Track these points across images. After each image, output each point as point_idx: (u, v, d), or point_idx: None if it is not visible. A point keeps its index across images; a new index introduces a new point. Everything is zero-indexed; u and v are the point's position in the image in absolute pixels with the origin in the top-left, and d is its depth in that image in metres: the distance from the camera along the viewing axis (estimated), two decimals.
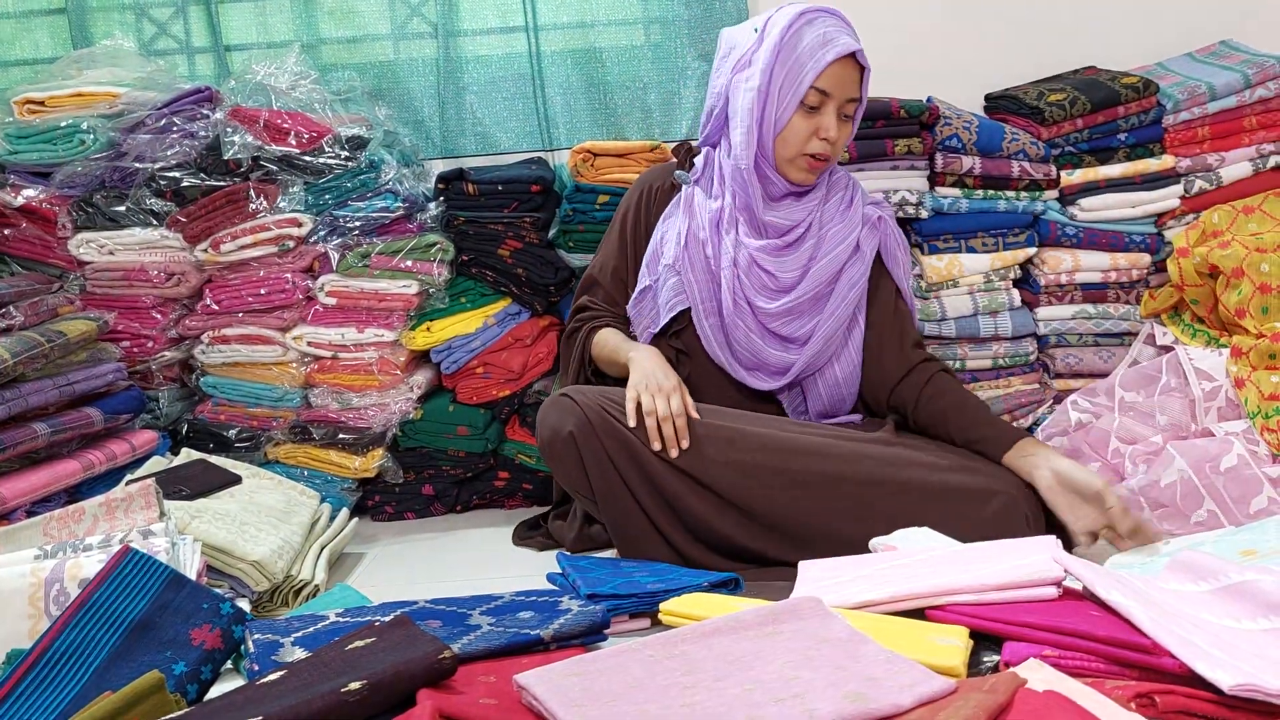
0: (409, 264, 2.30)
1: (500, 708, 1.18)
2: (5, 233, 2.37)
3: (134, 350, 2.35)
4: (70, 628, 1.31)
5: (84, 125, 2.30)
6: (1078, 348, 2.38)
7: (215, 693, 1.34)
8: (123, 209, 2.32)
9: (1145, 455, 1.97)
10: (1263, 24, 2.55)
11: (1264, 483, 1.81)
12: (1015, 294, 2.35)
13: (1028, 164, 2.31)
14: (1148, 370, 2.14)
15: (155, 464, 2.11)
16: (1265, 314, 2.07)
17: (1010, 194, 2.33)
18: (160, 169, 2.30)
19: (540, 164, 2.54)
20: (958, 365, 2.33)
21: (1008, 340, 2.35)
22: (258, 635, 1.42)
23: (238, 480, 2.07)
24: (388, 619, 1.36)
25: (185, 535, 1.69)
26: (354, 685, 1.13)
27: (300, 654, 1.36)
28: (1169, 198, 2.34)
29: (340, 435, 2.34)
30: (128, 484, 1.94)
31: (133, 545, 1.48)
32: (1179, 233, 2.28)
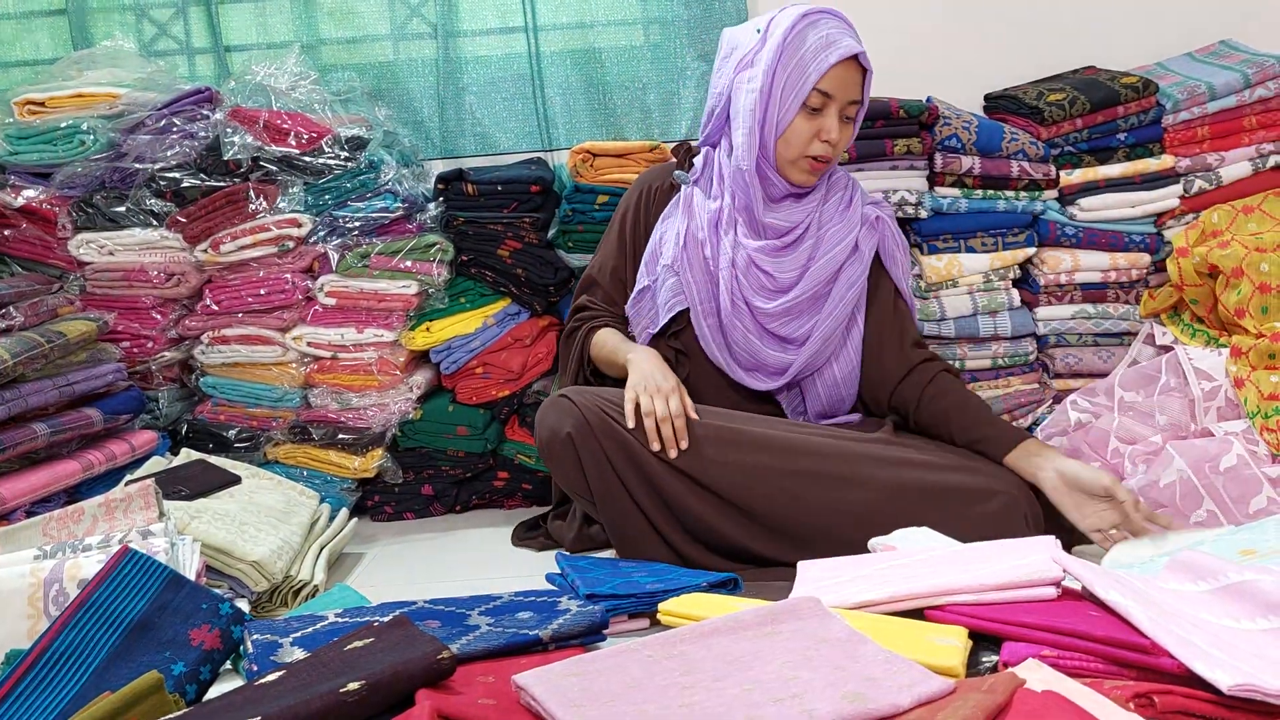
0: (408, 264, 2.30)
1: (499, 708, 1.18)
2: (5, 233, 2.37)
3: (134, 351, 2.36)
4: (69, 628, 1.31)
5: (84, 126, 2.31)
6: (1077, 347, 2.38)
7: (214, 693, 1.34)
8: (123, 209, 2.33)
9: (1145, 455, 1.97)
10: (1263, 24, 2.55)
11: (1263, 482, 1.81)
12: (1015, 294, 2.35)
13: (1027, 164, 2.31)
14: (1147, 370, 2.14)
15: (155, 464, 2.11)
16: (1265, 314, 2.07)
17: (1010, 194, 2.33)
18: (160, 169, 2.30)
19: (540, 164, 2.54)
20: (957, 365, 2.33)
21: (1007, 340, 2.35)
22: (256, 635, 1.42)
23: (237, 480, 2.07)
24: (386, 619, 1.36)
25: (184, 535, 1.69)
26: (353, 685, 1.13)
27: (299, 654, 1.36)
28: (1168, 198, 2.34)
29: (340, 435, 2.34)
30: (127, 484, 1.94)
31: (132, 545, 1.48)
32: (1178, 232, 2.28)
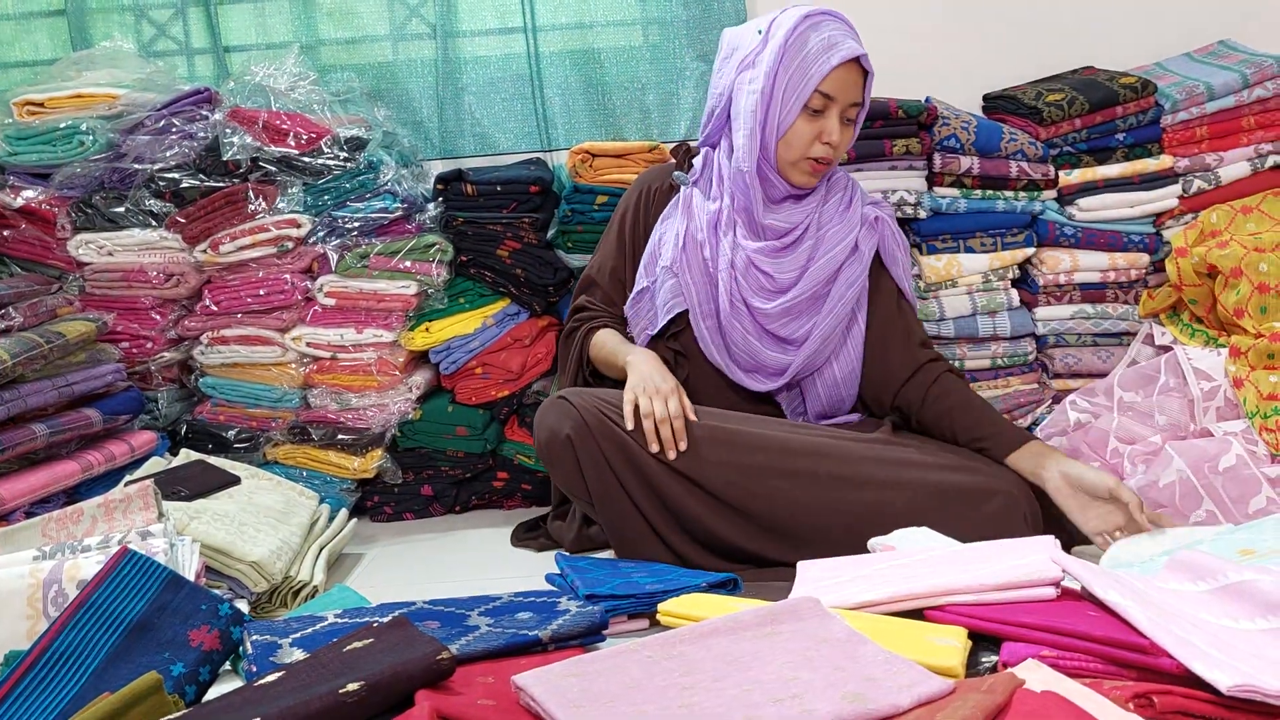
0: (408, 264, 2.30)
1: (498, 708, 1.18)
2: (4, 234, 2.37)
3: (133, 351, 2.36)
4: (68, 629, 1.31)
5: (83, 126, 2.31)
6: (1076, 348, 2.38)
7: (213, 694, 1.34)
8: (122, 210, 2.32)
9: (1144, 455, 1.97)
10: (1261, 24, 2.55)
11: (1262, 482, 1.81)
12: (1014, 294, 2.35)
13: (1026, 164, 2.31)
14: (1146, 370, 2.14)
15: (154, 465, 2.11)
16: (1264, 314, 2.07)
17: (1009, 194, 2.33)
18: (159, 170, 2.30)
19: (539, 164, 2.54)
20: (956, 365, 2.33)
21: (1006, 340, 2.35)
22: (256, 636, 1.41)
23: (236, 481, 2.07)
24: (386, 620, 1.36)
25: (184, 536, 1.69)
26: (352, 686, 1.13)
27: (298, 655, 1.36)
28: (1167, 198, 2.34)
29: (339, 436, 2.34)
30: (126, 485, 1.94)
31: (131, 546, 1.48)
32: (1177, 232, 2.28)
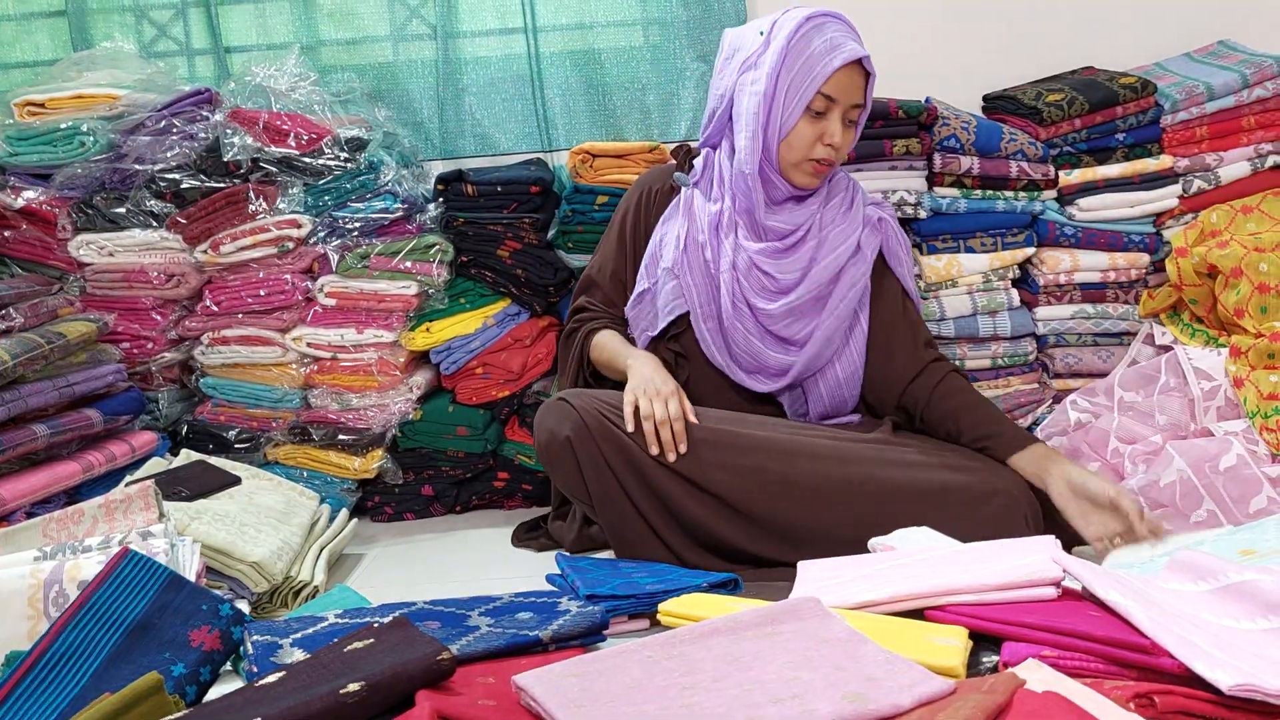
0: (408, 265, 2.30)
1: (499, 709, 1.18)
2: (5, 234, 2.37)
3: (134, 351, 2.36)
4: (69, 629, 1.31)
5: (84, 127, 2.31)
6: (1077, 347, 2.38)
7: (214, 694, 1.34)
8: (122, 210, 2.33)
9: (1144, 455, 1.97)
10: (1261, 24, 2.55)
11: (1263, 482, 1.81)
12: (1014, 294, 2.35)
13: (1026, 164, 2.31)
14: (1147, 370, 2.14)
15: (155, 465, 2.11)
16: (1264, 313, 2.07)
17: (1009, 194, 2.33)
18: (160, 171, 2.30)
19: (539, 165, 2.54)
20: (957, 365, 2.33)
21: (1007, 340, 2.35)
22: (256, 637, 1.41)
23: (237, 481, 2.07)
24: (387, 620, 1.36)
25: (184, 536, 1.69)
26: (353, 686, 1.13)
27: (299, 655, 1.36)
28: (1167, 197, 2.34)
29: (340, 436, 2.34)
30: (127, 485, 1.94)
31: (132, 547, 1.48)
32: (1177, 232, 2.28)
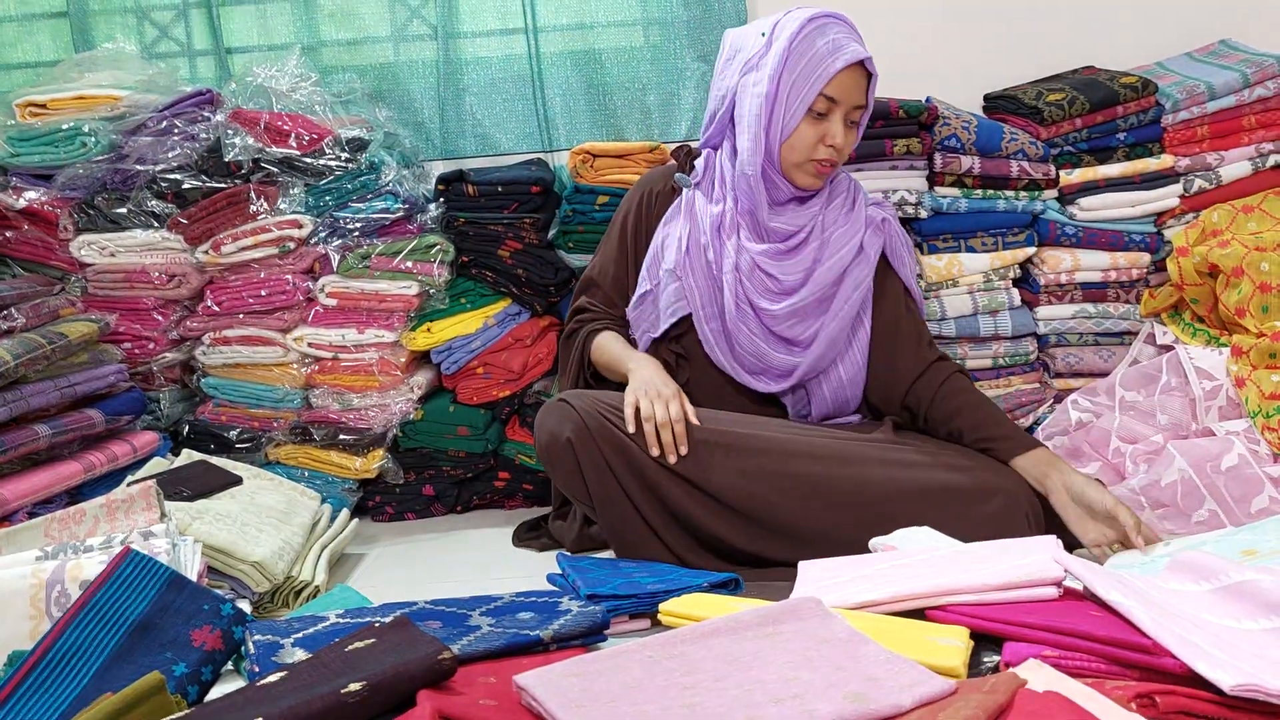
0: (409, 265, 2.30)
1: (500, 708, 1.18)
2: (7, 235, 2.38)
3: (135, 352, 2.36)
4: (71, 629, 1.31)
5: (85, 128, 2.31)
6: (1078, 347, 2.38)
7: (216, 694, 1.34)
8: (124, 211, 2.33)
9: (1146, 454, 1.97)
10: (1262, 24, 2.55)
11: (1265, 482, 1.81)
12: (1015, 293, 2.35)
13: (1027, 164, 2.31)
14: (1148, 369, 2.14)
15: (156, 465, 2.12)
16: (1265, 313, 2.07)
17: (1009, 194, 2.33)
18: (161, 171, 2.31)
19: (540, 165, 2.54)
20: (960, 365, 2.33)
21: (1008, 340, 2.35)
22: (258, 636, 1.42)
23: (238, 481, 2.08)
24: (388, 620, 1.36)
25: (186, 536, 1.69)
26: (354, 686, 1.13)
27: (300, 655, 1.36)
28: (1168, 197, 2.34)
29: (341, 436, 2.34)
30: (129, 485, 1.94)
31: (133, 546, 1.48)
32: (1178, 232, 2.28)
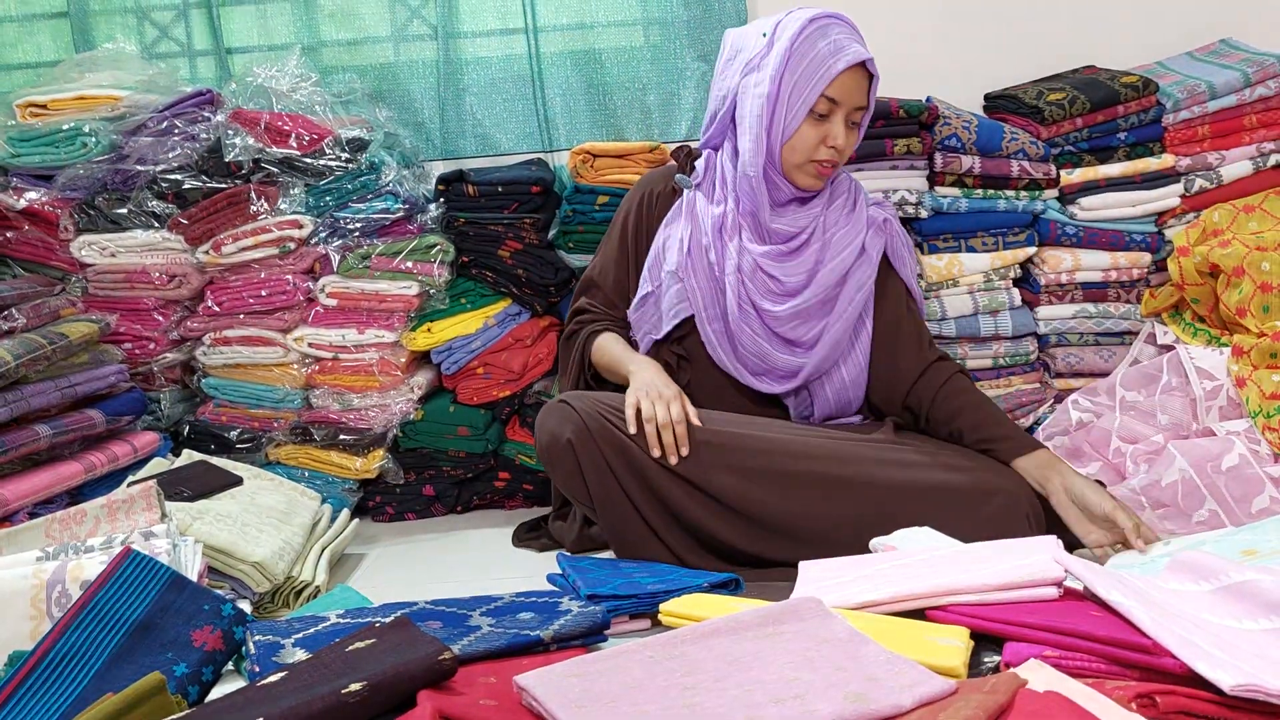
0: (409, 265, 2.30)
1: (500, 709, 1.18)
2: (7, 235, 2.38)
3: (136, 352, 2.36)
4: (72, 629, 1.31)
5: (86, 128, 2.31)
6: (1078, 347, 2.38)
7: (216, 694, 1.34)
8: (124, 211, 2.33)
9: (1146, 454, 1.97)
10: (1263, 23, 2.55)
11: (1265, 482, 1.81)
12: (1015, 293, 2.35)
13: (1027, 163, 2.31)
14: (1149, 369, 2.14)
15: (157, 465, 2.12)
16: (1266, 313, 2.07)
17: (1010, 193, 2.33)
18: (162, 171, 2.31)
19: (540, 165, 2.54)
20: (961, 365, 2.33)
21: (1008, 339, 2.35)
22: (258, 636, 1.42)
23: (239, 481, 2.08)
24: (388, 620, 1.37)
25: (186, 536, 1.69)
26: (354, 686, 1.14)
27: (301, 655, 1.36)
28: (1169, 197, 2.34)
29: (341, 436, 2.34)
30: (129, 485, 1.94)
31: (134, 547, 1.48)
32: (1179, 231, 2.28)
